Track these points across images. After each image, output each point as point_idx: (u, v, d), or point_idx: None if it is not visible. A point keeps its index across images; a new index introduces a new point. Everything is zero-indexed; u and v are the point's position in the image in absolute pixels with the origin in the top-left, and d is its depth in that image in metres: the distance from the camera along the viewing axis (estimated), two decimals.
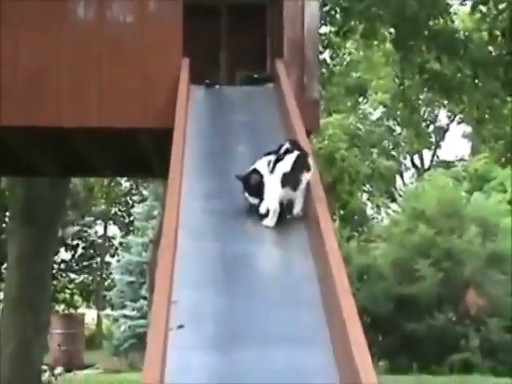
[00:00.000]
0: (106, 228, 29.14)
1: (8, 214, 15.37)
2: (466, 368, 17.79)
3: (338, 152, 21.24)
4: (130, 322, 23.19)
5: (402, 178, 31.18)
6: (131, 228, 28.34)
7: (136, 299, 23.66)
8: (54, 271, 21.27)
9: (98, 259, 28.94)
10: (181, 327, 2.87)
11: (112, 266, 27.52)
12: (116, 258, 28.05)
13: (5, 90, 5.53)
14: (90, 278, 28.90)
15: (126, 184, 28.10)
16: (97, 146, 6.41)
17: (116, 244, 29.36)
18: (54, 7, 5.61)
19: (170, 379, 2.62)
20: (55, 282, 24.70)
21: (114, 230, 29.84)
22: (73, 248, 28.13)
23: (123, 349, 22.65)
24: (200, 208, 3.90)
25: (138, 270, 23.95)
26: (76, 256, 28.41)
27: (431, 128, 30.17)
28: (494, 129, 13.05)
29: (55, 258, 19.73)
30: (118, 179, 25.93)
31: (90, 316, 26.66)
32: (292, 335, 2.96)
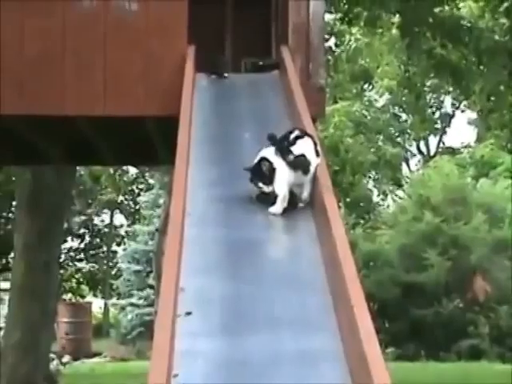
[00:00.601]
0: (112, 217, 29.19)
1: (14, 203, 15.40)
2: (474, 355, 17.80)
3: (342, 142, 21.25)
4: (137, 311, 23.30)
5: (408, 164, 31.17)
6: (137, 217, 28.41)
7: (143, 288, 23.76)
8: (60, 260, 21.32)
9: (105, 248, 29.02)
10: (189, 314, 2.87)
11: (118, 255, 27.64)
12: (122, 246, 28.17)
13: (8, 77, 5.49)
14: (97, 266, 28.97)
15: (133, 172, 28.13)
16: (102, 134, 6.40)
17: (122, 233, 29.43)
18: None
19: (178, 365, 2.62)
20: (62, 271, 24.78)
21: (120, 219, 29.91)
22: (79, 237, 28.20)
23: (130, 337, 22.77)
24: (206, 195, 3.90)
25: (144, 259, 24.04)
26: (83, 245, 28.49)
27: (437, 114, 30.12)
28: (499, 117, 13.03)
29: (62, 247, 19.75)
30: (125, 168, 25.95)
31: (96, 305, 26.76)
32: (299, 319, 2.96)
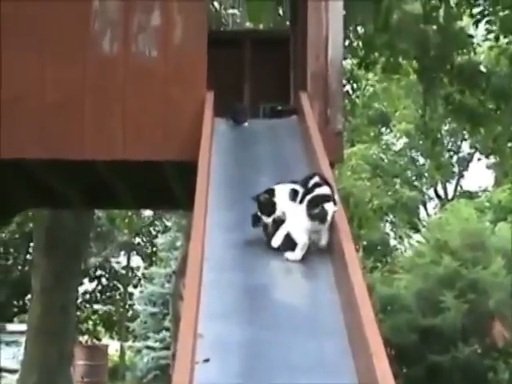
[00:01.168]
0: (129, 259, 29.18)
1: (32, 245, 15.45)
2: None
3: (352, 193, 21.09)
4: (153, 354, 23.17)
5: (426, 208, 31.05)
6: (154, 259, 28.38)
7: (159, 330, 23.65)
8: (77, 302, 21.31)
9: (121, 290, 28.95)
10: (207, 361, 2.87)
11: (135, 297, 27.55)
12: (139, 288, 28.07)
13: (29, 123, 5.55)
14: (113, 308, 28.90)
15: (149, 214, 28.14)
16: (120, 178, 6.44)
17: (139, 275, 29.38)
18: (79, 37, 5.65)
19: None
20: (78, 313, 24.74)
21: (137, 261, 29.89)
22: (96, 279, 28.18)
23: (146, 381, 22.62)
24: (224, 239, 3.92)
25: (160, 301, 23.96)
26: (99, 287, 28.45)
27: (455, 158, 30.08)
28: None
29: (78, 289, 19.73)
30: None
31: (113, 347, 26.64)
32: (317, 365, 2.96)
